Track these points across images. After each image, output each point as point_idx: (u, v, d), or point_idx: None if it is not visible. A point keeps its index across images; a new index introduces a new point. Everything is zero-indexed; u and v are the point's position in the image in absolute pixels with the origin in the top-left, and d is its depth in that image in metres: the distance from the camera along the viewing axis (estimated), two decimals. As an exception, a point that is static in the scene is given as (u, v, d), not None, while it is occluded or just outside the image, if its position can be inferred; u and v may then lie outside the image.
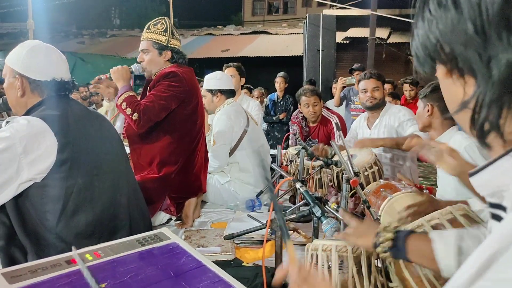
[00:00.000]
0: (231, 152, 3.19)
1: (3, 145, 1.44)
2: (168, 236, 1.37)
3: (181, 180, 2.53)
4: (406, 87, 5.79)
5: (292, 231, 2.44)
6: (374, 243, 1.17)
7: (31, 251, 1.53)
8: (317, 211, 1.53)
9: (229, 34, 16.68)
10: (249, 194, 3.07)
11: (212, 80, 3.25)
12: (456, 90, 0.55)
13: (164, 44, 2.52)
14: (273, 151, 3.85)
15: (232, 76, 3.96)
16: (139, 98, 2.47)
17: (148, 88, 2.54)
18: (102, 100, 6.35)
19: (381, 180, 2.49)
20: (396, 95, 5.93)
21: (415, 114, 2.58)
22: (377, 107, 3.21)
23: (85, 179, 1.57)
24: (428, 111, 2.22)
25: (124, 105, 2.33)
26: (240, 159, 3.20)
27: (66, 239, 1.51)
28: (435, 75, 0.59)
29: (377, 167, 2.83)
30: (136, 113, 2.28)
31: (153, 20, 2.57)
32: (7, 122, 1.54)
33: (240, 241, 2.29)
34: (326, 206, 1.76)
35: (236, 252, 2.15)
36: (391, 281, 1.37)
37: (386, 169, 3.10)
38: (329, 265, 1.38)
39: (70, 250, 1.16)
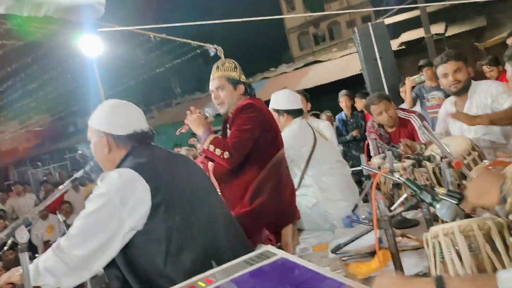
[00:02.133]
0: (302, 176, 3.09)
1: (102, 201, 1.51)
2: (274, 252, 1.31)
3: (275, 209, 2.48)
4: (485, 69, 5.34)
5: (401, 238, 2.25)
6: (502, 197, 1.01)
7: (146, 298, 1.54)
8: (426, 197, 1.38)
9: (283, 73, 16.97)
10: (342, 211, 2.91)
11: (279, 99, 3.18)
12: None
13: (237, 78, 2.58)
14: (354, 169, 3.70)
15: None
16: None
17: (228, 125, 2.57)
18: None
19: (485, 161, 2.25)
20: None
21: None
22: (464, 90, 2.95)
23: (182, 217, 1.58)
24: None
25: (212, 148, 2.35)
26: (315, 180, 3.08)
27: (176, 280, 1.51)
28: None
29: (476, 153, 2.57)
30: (226, 152, 2.32)
31: (219, 61, 2.66)
32: (101, 179, 1.62)
33: (347, 257, 2.15)
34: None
35: (346, 268, 2.01)
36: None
37: (488, 153, 2.80)
38: (456, 250, 1.22)
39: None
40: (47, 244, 3.92)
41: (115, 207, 1.49)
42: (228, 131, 2.56)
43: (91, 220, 1.49)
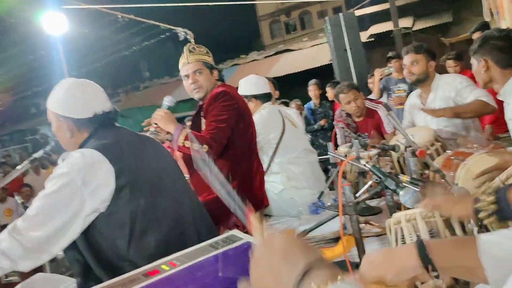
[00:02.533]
0: (269, 162, 3.10)
1: (63, 181, 1.45)
2: (240, 236, 1.30)
3: (243, 196, 2.46)
4: (450, 63, 5.48)
5: (364, 224, 2.30)
6: (475, 209, 1.05)
7: (108, 282, 1.50)
8: (391, 184, 1.41)
9: (253, 60, 16.90)
10: (308, 198, 2.94)
11: (246, 85, 3.15)
12: None
13: (211, 63, 2.56)
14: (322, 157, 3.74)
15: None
16: (189, 124, 2.46)
17: (202, 113, 2.51)
18: None
19: (448, 151, 2.32)
20: None
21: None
22: (418, 82, 3.03)
23: (147, 200, 1.55)
24: (483, 66, 2.06)
25: (188, 144, 2.27)
26: (282, 168, 3.10)
27: (139, 263, 1.47)
28: None
29: (439, 143, 2.66)
30: (205, 145, 2.26)
31: (189, 44, 2.59)
32: (63, 159, 1.55)
33: (312, 243, 2.18)
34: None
35: (311, 253, 2.04)
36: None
37: (450, 144, 2.89)
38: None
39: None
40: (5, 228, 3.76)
41: (77, 187, 1.43)
42: (202, 119, 2.50)
43: (51, 200, 1.43)
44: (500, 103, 2.80)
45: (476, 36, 4.42)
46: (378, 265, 0.86)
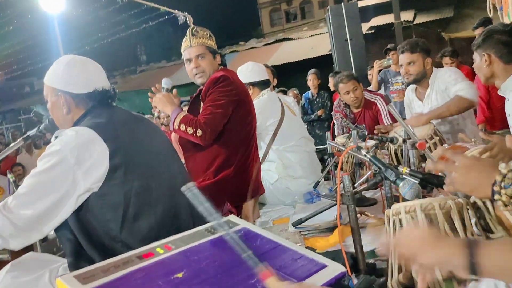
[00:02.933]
0: (266, 149, 3.08)
1: (55, 159, 1.41)
2: (237, 222, 1.28)
3: (239, 183, 2.44)
4: (446, 60, 5.48)
5: (359, 215, 2.29)
6: (496, 191, 0.91)
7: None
8: (390, 174, 1.39)
9: (252, 47, 16.76)
10: (303, 188, 2.94)
11: (244, 73, 3.12)
12: None
13: (214, 48, 2.49)
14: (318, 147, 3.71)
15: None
16: (186, 108, 2.42)
17: (201, 97, 2.47)
18: None
19: (445, 145, 2.31)
20: None
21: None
22: (416, 82, 3.01)
23: (142, 182, 1.51)
24: (486, 61, 2.04)
25: (183, 127, 2.26)
26: (279, 156, 3.08)
27: (132, 245, 1.45)
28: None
29: (437, 137, 2.65)
30: (199, 129, 2.22)
31: (193, 27, 2.52)
32: (56, 137, 1.51)
33: (307, 232, 2.17)
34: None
35: (305, 242, 2.03)
36: (491, 233, 1.20)
37: (447, 138, 2.89)
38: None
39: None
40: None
41: (70, 166, 1.39)
42: (201, 104, 2.46)
43: (43, 178, 1.39)
44: (498, 100, 2.80)
45: (478, 32, 4.38)
46: (423, 245, 0.81)
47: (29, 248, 1.74)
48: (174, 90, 2.51)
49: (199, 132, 2.21)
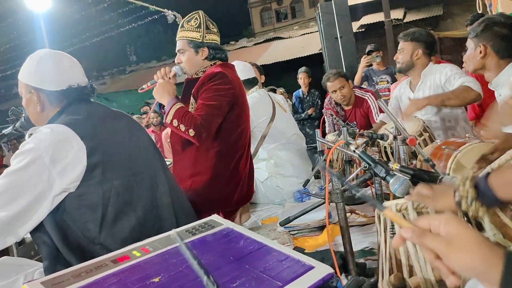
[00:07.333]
0: (257, 147, 3.02)
1: (29, 158, 1.33)
2: (220, 222, 1.22)
3: (232, 190, 2.27)
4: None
5: (349, 213, 2.24)
6: (457, 201, 0.98)
7: (77, 267, 1.40)
8: (380, 171, 1.34)
9: (242, 47, 16.71)
10: (293, 187, 2.89)
11: None
12: None
13: (199, 41, 2.29)
14: (309, 146, 3.67)
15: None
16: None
17: (193, 91, 2.29)
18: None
19: (437, 141, 2.26)
20: None
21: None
22: (402, 71, 2.99)
23: (122, 181, 1.44)
24: (480, 52, 1.97)
25: (175, 123, 2.08)
26: (270, 154, 3.02)
27: (111, 248, 1.38)
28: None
29: (427, 134, 2.60)
30: (192, 129, 2.04)
31: (187, 17, 2.37)
32: (30, 134, 1.44)
33: (296, 232, 2.11)
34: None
35: (294, 242, 1.97)
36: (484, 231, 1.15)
37: (438, 134, 2.84)
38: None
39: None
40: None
41: (44, 165, 1.32)
42: (192, 99, 2.29)
43: (16, 178, 1.32)
44: (488, 97, 2.76)
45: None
46: (452, 245, 0.64)
47: (4, 252, 1.66)
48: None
49: (191, 132, 2.04)
